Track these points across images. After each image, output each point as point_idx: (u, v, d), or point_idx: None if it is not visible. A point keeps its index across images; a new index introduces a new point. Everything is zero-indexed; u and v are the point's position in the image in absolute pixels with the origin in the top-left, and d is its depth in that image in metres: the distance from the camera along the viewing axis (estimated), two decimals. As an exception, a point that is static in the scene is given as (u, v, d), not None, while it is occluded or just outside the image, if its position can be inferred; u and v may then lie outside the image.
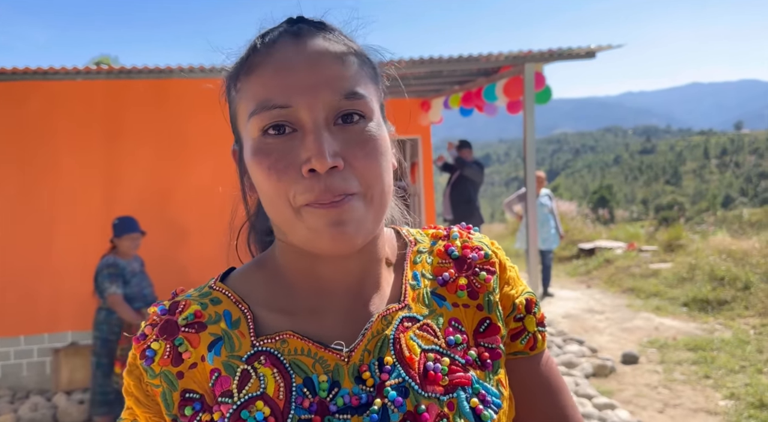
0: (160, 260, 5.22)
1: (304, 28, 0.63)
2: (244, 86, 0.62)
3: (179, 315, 0.66)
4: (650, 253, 9.01)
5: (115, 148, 5.25)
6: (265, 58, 0.61)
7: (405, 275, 0.70)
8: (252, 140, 0.61)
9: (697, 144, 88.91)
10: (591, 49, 5.45)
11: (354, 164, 0.59)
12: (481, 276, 0.71)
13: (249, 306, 0.66)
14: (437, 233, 0.77)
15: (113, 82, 5.20)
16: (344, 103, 0.59)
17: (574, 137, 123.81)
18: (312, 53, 0.60)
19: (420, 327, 0.66)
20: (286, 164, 0.58)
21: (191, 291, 0.70)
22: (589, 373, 4.87)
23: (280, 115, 0.59)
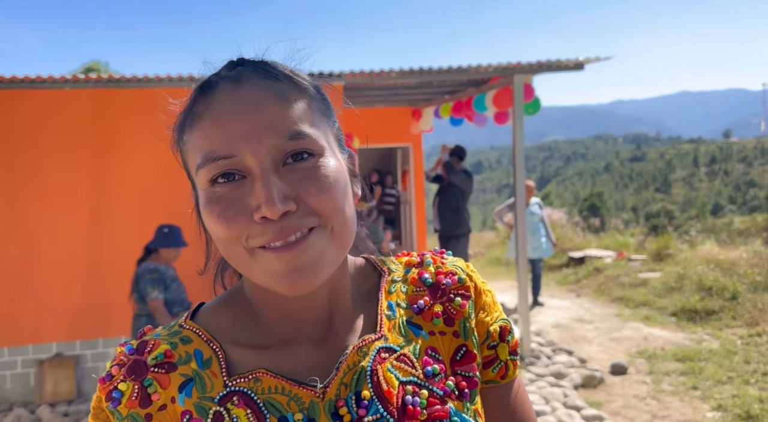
0: (148, 270, 5.18)
1: (243, 72, 0.62)
2: (189, 139, 0.62)
3: (148, 355, 0.64)
4: (639, 262, 9.06)
5: (103, 157, 5.22)
6: (205, 108, 0.60)
7: (380, 306, 0.70)
8: (203, 190, 0.61)
9: (687, 152, 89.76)
10: (579, 61, 5.49)
11: (308, 201, 0.58)
12: (456, 302, 0.71)
13: (220, 345, 0.65)
14: (410, 260, 0.76)
15: (102, 91, 5.17)
16: (289, 144, 0.58)
17: (565, 144, 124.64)
18: (251, 98, 0.59)
19: (397, 357, 0.65)
20: (236, 211, 0.58)
21: (160, 330, 0.69)
22: (578, 384, 4.87)
23: (226, 165, 0.58)
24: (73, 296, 5.17)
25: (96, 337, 5.21)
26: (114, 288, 5.13)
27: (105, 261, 5.19)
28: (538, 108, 5.92)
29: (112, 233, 5.20)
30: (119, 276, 5.15)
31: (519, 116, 5.54)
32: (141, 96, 5.23)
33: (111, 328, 5.20)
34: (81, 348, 5.18)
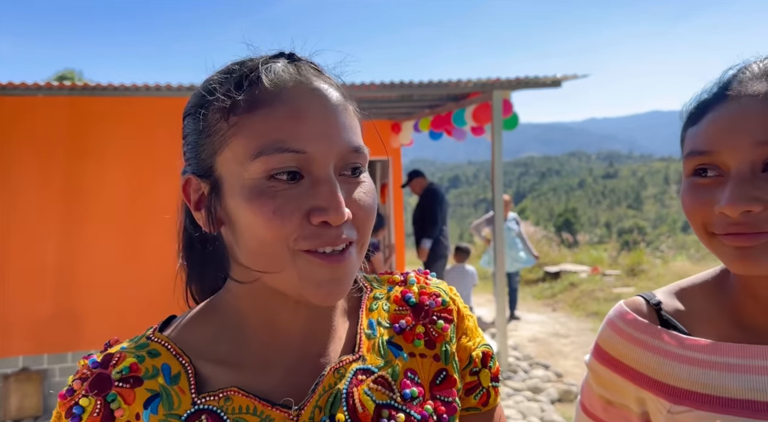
0: (124, 281, 5.07)
1: (308, 69, 0.61)
2: (244, 121, 0.57)
3: (113, 369, 0.60)
4: (613, 277, 9.19)
5: (76, 166, 5.10)
6: (275, 96, 0.57)
7: (360, 324, 0.68)
8: (251, 180, 0.56)
9: (658, 170, 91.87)
10: (557, 78, 5.59)
11: (357, 215, 0.58)
12: (439, 325, 0.70)
13: (190, 359, 0.62)
14: (394, 278, 0.75)
15: (76, 99, 5.08)
16: (352, 155, 0.59)
17: (540, 160, 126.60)
18: (325, 100, 0.59)
19: (375, 379, 0.64)
20: (291, 209, 0.56)
21: (126, 343, 0.65)
22: (554, 398, 4.88)
23: (294, 159, 0.56)
24: (41, 308, 5.02)
25: (65, 351, 5.06)
26: (85, 299, 5.00)
27: (76, 271, 5.06)
28: (516, 124, 5.99)
29: (84, 242, 5.08)
30: (91, 287, 5.03)
31: (498, 131, 5.60)
32: (116, 104, 5.15)
33: (81, 341, 5.05)
34: (49, 362, 5.02)
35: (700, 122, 0.73)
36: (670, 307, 0.82)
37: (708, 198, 0.70)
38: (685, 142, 0.76)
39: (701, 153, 0.71)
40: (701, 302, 0.81)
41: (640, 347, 0.79)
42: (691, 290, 0.83)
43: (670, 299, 0.83)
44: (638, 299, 0.84)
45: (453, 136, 6.90)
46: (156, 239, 5.16)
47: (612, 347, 0.83)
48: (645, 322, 0.80)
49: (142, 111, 5.20)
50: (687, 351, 0.76)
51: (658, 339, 0.79)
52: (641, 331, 0.80)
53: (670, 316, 0.80)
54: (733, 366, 0.72)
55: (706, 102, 0.74)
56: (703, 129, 0.72)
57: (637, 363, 0.79)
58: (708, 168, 0.71)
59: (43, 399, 4.92)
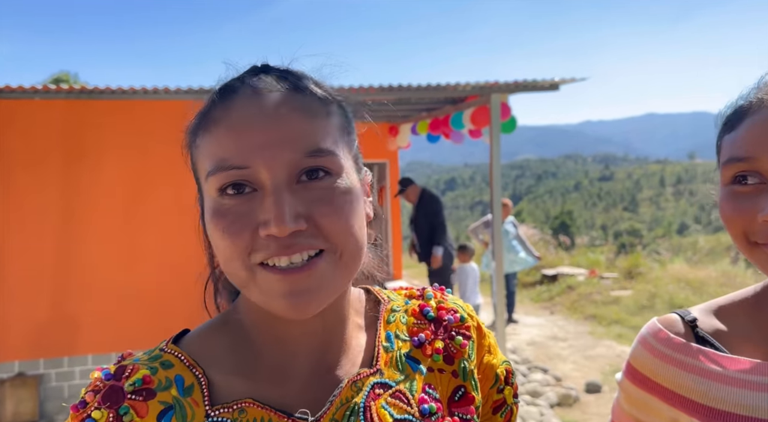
0: (122, 285, 5.04)
1: (266, 80, 0.59)
2: (202, 143, 0.59)
3: (126, 381, 0.59)
4: (611, 280, 9.20)
5: (73, 169, 5.07)
6: (223, 114, 0.57)
7: (378, 336, 0.67)
8: (210, 199, 0.58)
9: (654, 172, 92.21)
10: (555, 81, 5.60)
11: (320, 223, 0.55)
12: (457, 341, 0.69)
13: (204, 371, 0.61)
14: (411, 292, 0.75)
15: (73, 102, 5.05)
16: (307, 161, 0.56)
17: (536, 163, 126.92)
18: (272, 108, 0.57)
19: (392, 394, 0.63)
20: (241, 226, 0.55)
21: (140, 355, 0.64)
22: (553, 403, 4.87)
23: (238, 175, 0.55)
24: (38, 312, 4.98)
25: (61, 355, 5.02)
26: (82, 304, 4.97)
27: (72, 275, 5.02)
28: (514, 127, 5.99)
29: (81, 246, 5.05)
30: (87, 291, 5.00)
31: (496, 134, 5.60)
32: (113, 108, 5.13)
33: (77, 346, 5.02)
34: (45, 367, 4.98)
35: (738, 128, 0.72)
36: (706, 325, 0.79)
37: (749, 206, 0.68)
38: (723, 149, 0.74)
39: (741, 160, 0.69)
40: (740, 320, 0.78)
41: (674, 366, 0.76)
42: (729, 307, 0.80)
43: (706, 317, 0.80)
44: (672, 316, 0.81)
45: (451, 139, 6.90)
46: (154, 244, 5.14)
47: (644, 366, 0.80)
48: (680, 340, 0.77)
49: (139, 115, 5.18)
50: (727, 371, 0.73)
51: (695, 358, 0.75)
52: (676, 350, 0.77)
53: (707, 334, 0.77)
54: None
55: (743, 108, 0.72)
56: (741, 135, 0.70)
57: (671, 382, 0.76)
58: (748, 175, 0.69)
59: (39, 404, 4.88)
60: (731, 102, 0.76)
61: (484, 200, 64.69)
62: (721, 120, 0.77)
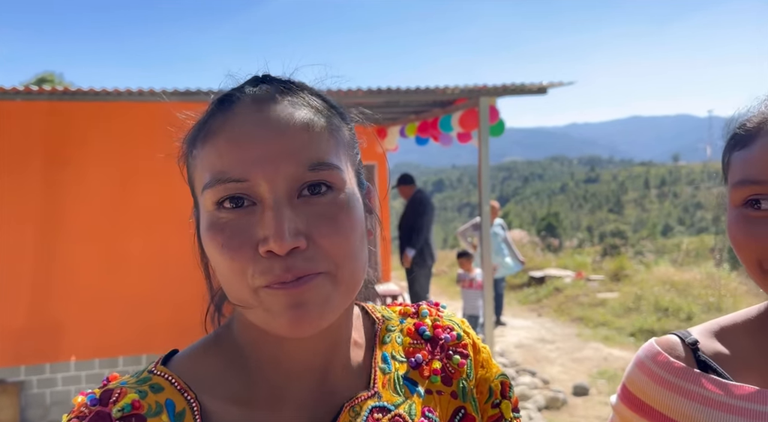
0: (104, 291, 4.96)
1: (267, 91, 0.57)
2: (199, 154, 0.56)
3: (113, 406, 0.55)
4: (597, 282, 9.25)
5: (55, 173, 4.98)
6: (222, 125, 0.55)
7: (375, 357, 0.65)
8: (207, 212, 0.55)
9: (638, 175, 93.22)
10: (543, 85, 5.61)
11: (319, 242, 0.53)
12: (455, 360, 0.67)
13: (196, 395, 0.57)
14: (405, 310, 0.73)
15: (56, 104, 4.96)
16: (309, 175, 0.53)
17: (523, 165, 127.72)
18: (274, 121, 0.55)
19: (392, 418, 0.60)
20: (240, 242, 0.52)
21: (127, 378, 0.60)
22: (541, 406, 4.88)
23: (237, 189, 0.53)
24: (18, 317, 4.88)
25: (43, 362, 4.92)
26: (64, 309, 4.88)
27: (54, 280, 4.93)
28: (502, 130, 6.00)
29: (63, 251, 4.96)
30: (70, 296, 4.91)
31: (484, 137, 5.60)
32: (96, 109, 5.05)
33: (60, 352, 4.93)
34: (26, 374, 4.88)
35: (751, 146, 0.67)
36: (708, 348, 0.75)
37: (764, 232, 0.65)
38: (732, 167, 0.70)
39: (756, 182, 0.65)
40: (743, 343, 0.74)
41: (674, 392, 0.73)
42: (731, 329, 0.76)
43: (707, 340, 0.76)
44: (672, 338, 0.78)
45: (440, 141, 6.90)
46: (137, 248, 5.06)
47: (641, 390, 0.76)
48: (681, 365, 0.74)
49: (123, 116, 5.10)
50: (732, 399, 0.69)
51: (697, 384, 0.71)
52: (676, 375, 0.73)
53: (709, 358, 0.74)
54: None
55: (758, 125, 0.68)
56: (756, 156, 0.66)
57: (669, 409, 0.73)
58: (762, 199, 0.65)
59: (20, 411, 4.78)
60: (740, 114, 0.73)
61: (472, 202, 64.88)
62: (729, 133, 0.73)
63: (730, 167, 0.71)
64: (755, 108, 0.71)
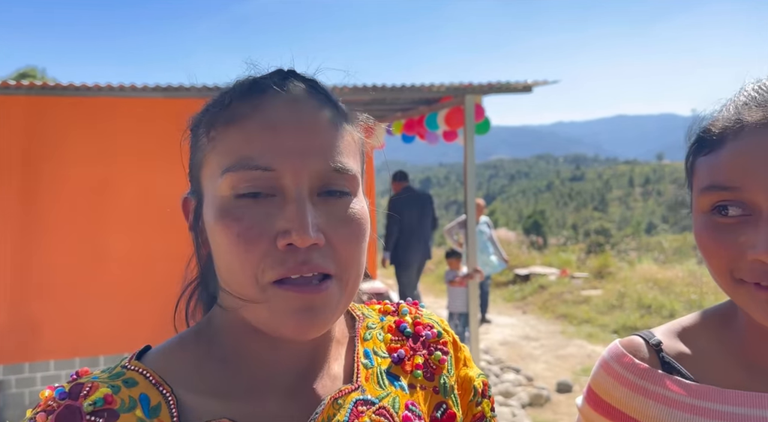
0: (85, 288, 4.89)
1: (297, 86, 0.57)
2: (221, 136, 0.55)
3: (84, 400, 0.53)
4: (581, 280, 9.33)
5: (35, 169, 4.90)
6: (252, 110, 0.54)
7: (357, 353, 0.65)
8: (220, 197, 0.54)
9: (623, 173, 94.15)
10: (528, 84, 5.63)
11: (334, 244, 0.54)
12: (436, 356, 0.68)
13: (171, 389, 0.56)
14: (386, 308, 0.73)
15: (36, 99, 4.88)
16: (333, 175, 0.54)
17: (509, 163, 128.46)
18: (306, 115, 0.55)
19: (376, 410, 0.60)
20: (258, 233, 0.52)
21: (98, 373, 0.59)
22: (525, 403, 4.90)
23: (261, 177, 0.52)
24: (-3, 317, 4.80)
25: (22, 360, 4.84)
26: (43, 307, 4.80)
27: (34, 277, 4.85)
28: (487, 128, 6.01)
29: (42, 247, 4.88)
30: (49, 294, 4.83)
31: (470, 135, 5.61)
32: (78, 105, 4.97)
33: (39, 351, 4.85)
34: (4, 373, 4.80)
35: (718, 152, 0.65)
36: (671, 349, 0.75)
37: (734, 240, 0.63)
38: (698, 172, 0.68)
39: (725, 189, 0.63)
40: (705, 343, 0.74)
41: (639, 394, 0.72)
42: (693, 329, 0.76)
43: (670, 340, 0.76)
44: (636, 339, 0.77)
45: (426, 139, 6.90)
46: (118, 244, 5.00)
47: (607, 392, 0.76)
48: (645, 366, 0.74)
49: (104, 112, 5.03)
50: (694, 400, 0.69)
51: (661, 385, 0.72)
52: (640, 376, 0.73)
53: (672, 358, 0.74)
54: (743, 417, 0.67)
55: (723, 130, 0.66)
56: (725, 161, 0.64)
57: (634, 410, 0.73)
58: (730, 205, 0.63)
59: (-1, 411, 4.70)
60: (703, 117, 0.70)
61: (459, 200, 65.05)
62: (693, 137, 0.71)
63: (695, 172, 0.69)
64: (719, 112, 0.69)
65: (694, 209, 0.70)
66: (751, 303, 0.63)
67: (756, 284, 0.62)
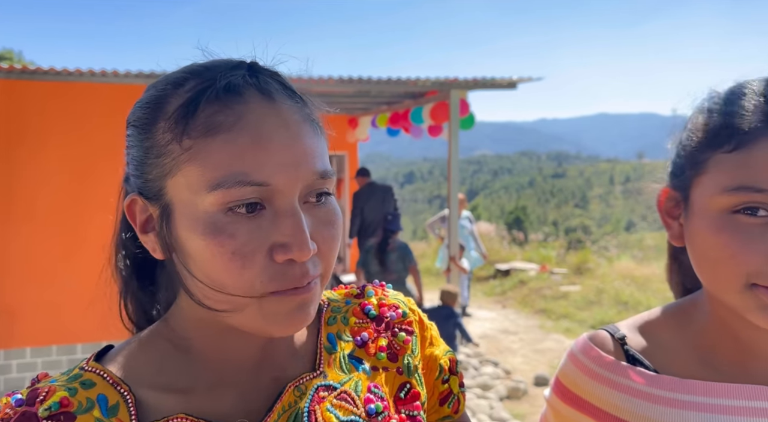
0: (61, 276, 4.82)
1: (271, 85, 0.55)
2: (200, 147, 0.51)
3: (40, 405, 0.53)
4: (561, 276, 9.44)
5: (12, 155, 4.81)
6: (236, 119, 0.51)
7: (320, 338, 0.65)
8: (206, 213, 0.51)
9: (604, 171, 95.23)
10: (512, 80, 5.67)
11: (321, 247, 0.54)
12: (400, 337, 0.68)
13: (129, 388, 0.56)
14: (350, 291, 0.73)
15: (13, 82, 4.78)
16: (319, 182, 0.54)
17: (493, 159, 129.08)
18: (290, 122, 0.54)
19: (338, 395, 0.61)
20: (253, 249, 0.51)
21: (57, 376, 0.58)
22: (503, 396, 4.97)
23: (255, 192, 0.51)
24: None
25: (-4, 348, 4.78)
26: (20, 294, 4.73)
27: (10, 264, 4.78)
28: (472, 123, 6.04)
29: (19, 235, 4.80)
30: (25, 281, 4.77)
31: (455, 130, 5.64)
32: (57, 90, 4.88)
33: (13, 338, 4.79)
34: (-22, 361, 4.73)
35: (749, 149, 0.61)
36: (635, 342, 0.78)
37: (761, 242, 0.60)
38: (718, 168, 0.64)
39: (759, 191, 0.60)
40: (667, 336, 0.77)
41: (605, 385, 0.75)
42: (655, 323, 0.79)
43: (634, 334, 0.79)
44: (602, 333, 0.80)
45: (411, 133, 6.91)
46: (95, 233, 4.92)
47: (574, 384, 0.78)
48: (610, 359, 0.76)
49: (83, 98, 4.94)
50: (653, 389, 0.72)
51: (625, 376, 0.74)
52: (606, 368, 0.76)
53: (636, 351, 0.77)
54: (700, 405, 0.69)
55: (753, 125, 0.61)
56: (759, 161, 0.60)
57: (600, 401, 0.75)
58: (760, 207, 0.60)
59: (-28, 399, 4.64)
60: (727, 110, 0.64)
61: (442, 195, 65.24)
62: (712, 131, 0.66)
63: (710, 168, 0.65)
64: (735, 105, 0.64)
65: (701, 207, 0.66)
66: (759, 308, 0.61)
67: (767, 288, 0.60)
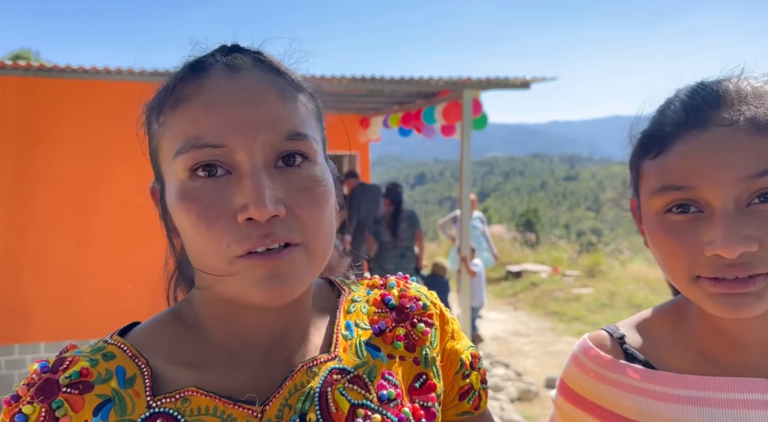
0: (76, 271, 4.88)
1: (240, 59, 0.57)
2: (169, 120, 0.55)
3: (62, 373, 0.56)
4: (573, 278, 9.38)
5: (28, 151, 4.86)
6: (196, 90, 0.54)
7: (337, 325, 0.66)
8: (177, 181, 0.54)
9: (617, 173, 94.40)
10: (526, 80, 5.64)
11: (297, 213, 0.54)
12: (419, 328, 0.68)
13: (147, 361, 0.58)
14: (373, 282, 0.74)
15: (30, 80, 4.84)
16: (286, 144, 0.54)
17: (504, 160, 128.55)
18: (250, 88, 0.55)
19: (350, 379, 0.61)
20: (218, 211, 0.52)
21: (84, 348, 0.61)
22: (514, 397, 4.94)
23: (213, 154, 0.53)
24: (-13, 298, 4.78)
25: (12, 342, 4.83)
26: (34, 289, 4.79)
27: (25, 260, 4.83)
28: (485, 123, 6.02)
29: (34, 230, 4.86)
30: (40, 276, 4.82)
31: (467, 130, 5.61)
32: (72, 87, 4.93)
33: (29, 333, 4.84)
34: (-7, 355, 4.79)
35: (666, 153, 0.66)
36: (633, 340, 0.80)
37: (691, 237, 0.65)
38: (647, 175, 0.70)
39: (678, 189, 0.65)
40: (663, 334, 0.79)
41: (605, 384, 0.77)
42: (651, 321, 0.81)
43: (632, 333, 0.81)
44: (601, 333, 0.82)
45: (423, 133, 6.90)
46: (109, 228, 4.98)
47: (577, 384, 0.80)
48: (608, 357, 0.78)
49: (99, 96, 4.99)
50: (651, 385, 0.74)
51: (623, 374, 0.76)
52: (605, 367, 0.78)
53: (635, 350, 0.79)
54: (697, 400, 0.71)
55: (671, 130, 0.67)
56: (676, 162, 0.65)
57: (602, 399, 0.77)
58: (684, 204, 0.65)
59: (-13, 393, 4.70)
60: (649, 119, 0.72)
61: (453, 196, 65.16)
62: (636, 139, 0.73)
63: (642, 175, 0.71)
64: (658, 114, 0.71)
65: (644, 211, 0.71)
66: (707, 298, 0.65)
67: (713, 278, 0.64)
